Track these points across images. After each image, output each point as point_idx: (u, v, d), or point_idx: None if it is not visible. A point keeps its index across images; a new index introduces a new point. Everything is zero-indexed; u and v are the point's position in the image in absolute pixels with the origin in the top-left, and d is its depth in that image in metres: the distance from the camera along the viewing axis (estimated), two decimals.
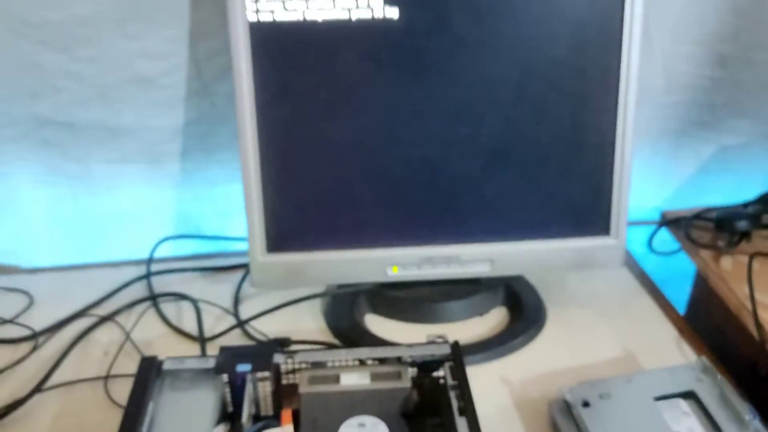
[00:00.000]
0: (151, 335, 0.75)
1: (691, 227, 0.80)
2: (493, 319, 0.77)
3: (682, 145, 0.89)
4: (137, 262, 0.87)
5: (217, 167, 0.85)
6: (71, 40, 0.72)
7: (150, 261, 0.85)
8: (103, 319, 0.77)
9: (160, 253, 0.88)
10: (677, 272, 0.91)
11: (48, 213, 0.86)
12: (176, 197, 0.87)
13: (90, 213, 0.86)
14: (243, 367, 0.59)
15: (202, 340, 0.73)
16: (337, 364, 0.61)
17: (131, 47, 0.73)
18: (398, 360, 0.61)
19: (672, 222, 0.83)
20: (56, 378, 0.69)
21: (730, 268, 0.75)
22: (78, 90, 0.76)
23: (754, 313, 0.68)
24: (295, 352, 0.61)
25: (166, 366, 0.60)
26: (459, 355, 0.61)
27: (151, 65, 0.75)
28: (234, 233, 0.90)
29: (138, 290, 0.82)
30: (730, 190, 0.91)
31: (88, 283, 0.83)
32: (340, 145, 0.68)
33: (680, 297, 0.89)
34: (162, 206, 0.87)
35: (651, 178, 0.92)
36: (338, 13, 0.64)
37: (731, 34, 0.79)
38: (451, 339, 0.63)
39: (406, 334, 0.74)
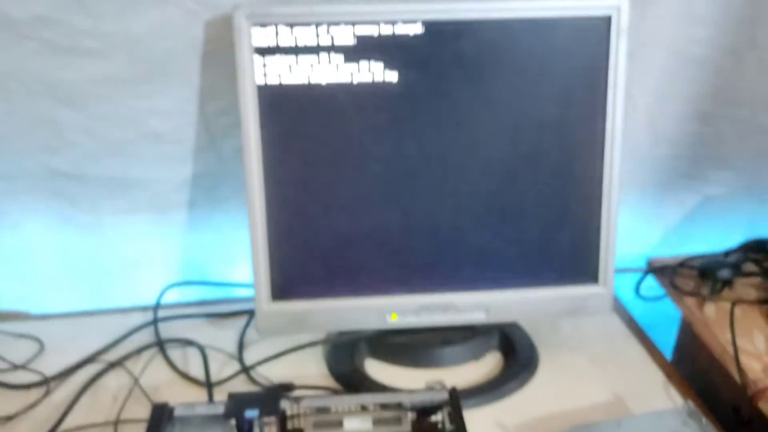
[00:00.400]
0: (159, 380, 0.78)
1: (676, 275, 0.84)
2: (488, 364, 0.81)
3: (667, 195, 0.94)
4: (144, 308, 0.89)
5: (223, 217, 0.89)
6: (87, 98, 0.76)
7: (157, 307, 0.88)
8: (112, 365, 0.79)
9: (167, 300, 0.91)
10: (664, 317, 0.94)
11: (58, 261, 0.89)
12: (183, 245, 0.90)
13: (99, 261, 0.89)
14: (251, 413, 0.62)
15: (209, 385, 0.75)
16: (340, 409, 0.64)
17: (143, 105, 0.77)
18: (398, 405, 0.64)
19: (658, 270, 0.86)
20: (68, 423, 0.71)
21: (713, 315, 0.79)
22: (91, 145, 0.79)
23: (736, 359, 0.72)
24: (301, 398, 0.64)
25: (178, 412, 0.63)
26: (457, 400, 0.64)
27: (162, 122, 0.79)
28: (238, 280, 0.94)
29: (145, 336, 0.85)
30: (714, 238, 0.96)
31: (97, 330, 0.85)
32: (342, 199, 0.72)
33: (667, 341, 0.92)
34: (169, 254, 0.91)
35: (638, 226, 0.96)
36: (341, 77, 0.69)
37: (711, 93, 0.84)
38: (448, 383, 0.66)
39: (404, 379, 0.77)
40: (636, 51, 0.80)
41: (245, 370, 0.78)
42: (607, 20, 0.68)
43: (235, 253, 0.92)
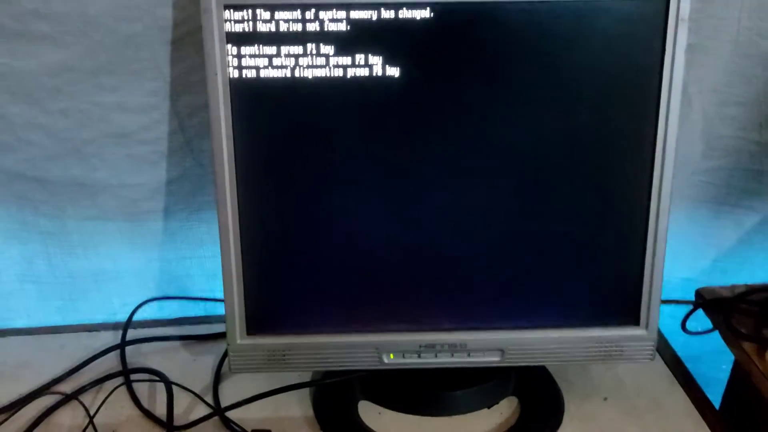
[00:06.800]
0: (119, 418, 0.67)
1: (732, 311, 0.71)
2: (502, 412, 0.68)
3: (721, 214, 0.80)
4: (115, 325, 0.80)
5: (204, 226, 0.78)
6: (41, 91, 0.66)
7: (126, 327, 0.78)
8: (68, 397, 0.69)
9: (142, 314, 0.81)
10: (714, 347, 0.82)
11: (20, 271, 0.79)
12: (159, 257, 0.80)
13: (66, 272, 0.79)
14: None
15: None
16: None
17: (107, 100, 0.67)
18: None
19: (709, 303, 0.73)
20: None
21: None
22: (50, 144, 0.69)
23: None
24: None
25: None
26: None
27: (129, 119, 0.68)
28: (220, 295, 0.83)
29: (111, 361, 0.75)
30: None
31: (57, 352, 0.76)
32: (331, 218, 0.60)
33: (716, 375, 0.79)
34: (144, 266, 0.80)
35: (685, 248, 0.82)
36: (332, 71, 0.56)
37: None
38: None
39: (402, 428, 0.66)
40: (694, 43, 0.67)
41: (218, 412, 0.67)
42: (665, 5, 0.55)
43: (219, 266, 0.81)
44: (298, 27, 0.56)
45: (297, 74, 0.56)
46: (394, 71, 0.57)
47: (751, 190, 0.77)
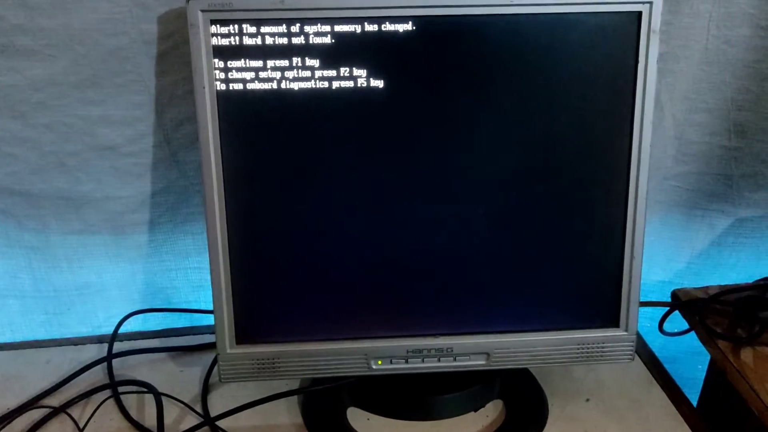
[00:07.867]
0: (108, 430, 0.67)
1: (707, 312, 0.73)
2: (488, 415, 0.70)
3: (694, 218, 0.82)
4: (101, 339, 0.80)
5: (189, 238, 0.79)
6: (25, 105, 0.66)
7: (113, 340, 0.77)
8: (56, 411, 0.69)
9: (128, 327, 0.80)
10: (689, 348, 0.84)
11: (4, 286, 0.79)
12: (144, 269, 0.80)
13: (50, 286, 0.79)
14: None
15: None
16: None
17: (92, 113, 0.67)
18: None
19: (685, 304, 0.75)
20: None
21: (751, 363, 0.67)
22: (34, 158, 0.69)
23: None
24: None
25: None
26: None
27: (115, 132, 0.69)
28: (208, 306, 0.83)
29: (98, 374, 0.74)
30: (747, 266, 0.84)
31: (44, 366, 0.76)
32: (318, 227, 0.61)
33: (692, 374, 0.82)
34: (129, 279, 0.80)
35: (660, 251, 0.85)
36: (317, 83, 0.58)
37: (751, 102, 0.73)
38: None
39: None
40: (665, 52, 0.69)
41: (208, 422, 0.67)
42: (637, 17, 0.57)
43: (203, 278, 0.82)
44: (284, 41, 0.57)
45: (283, 87, 0.58)
46: (378, 83, 0.58)
47: (721, 194, 0.80)
